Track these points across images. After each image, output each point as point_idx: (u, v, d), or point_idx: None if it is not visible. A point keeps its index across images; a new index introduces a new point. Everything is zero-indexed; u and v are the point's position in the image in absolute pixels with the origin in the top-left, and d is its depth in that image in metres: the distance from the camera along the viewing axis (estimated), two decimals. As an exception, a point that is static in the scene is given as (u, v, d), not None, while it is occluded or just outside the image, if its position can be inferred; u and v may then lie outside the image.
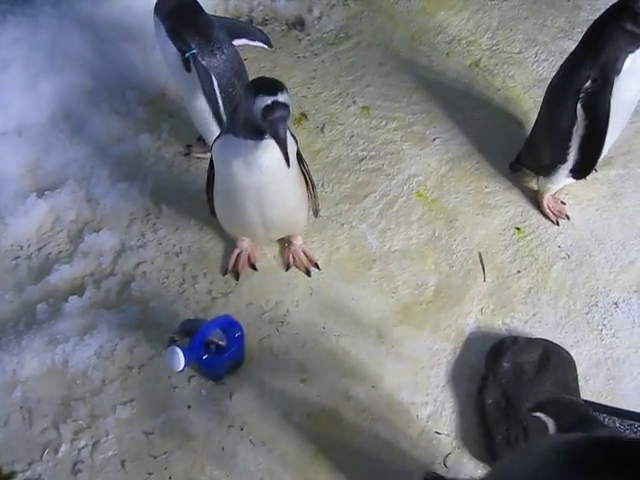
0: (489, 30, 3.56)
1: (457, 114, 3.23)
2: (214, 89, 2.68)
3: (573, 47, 2.86)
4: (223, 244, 2.80)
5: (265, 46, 3.05)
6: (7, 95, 3.12)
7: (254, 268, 2.72)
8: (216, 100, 2.70)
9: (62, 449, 2.35)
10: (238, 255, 2.72)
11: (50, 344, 2.51)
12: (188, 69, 2.66)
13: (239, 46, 2.86)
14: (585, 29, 3.43)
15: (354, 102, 3.28)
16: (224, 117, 2.72)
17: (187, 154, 3.10)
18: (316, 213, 2.68)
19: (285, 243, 2.76)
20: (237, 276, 2.70)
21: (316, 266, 2.73)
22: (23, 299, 2.66)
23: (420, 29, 3.58)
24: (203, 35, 2.67)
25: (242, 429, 2.40)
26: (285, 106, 2.09)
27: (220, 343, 2.41)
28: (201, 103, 2.72)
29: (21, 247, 2.82)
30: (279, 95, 2.09)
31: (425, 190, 2.97)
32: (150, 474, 2.31)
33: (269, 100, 2.08)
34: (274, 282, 2.70)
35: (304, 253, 2.74)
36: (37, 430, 2.39)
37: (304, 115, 3.21)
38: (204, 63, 2.65)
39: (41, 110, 3.12)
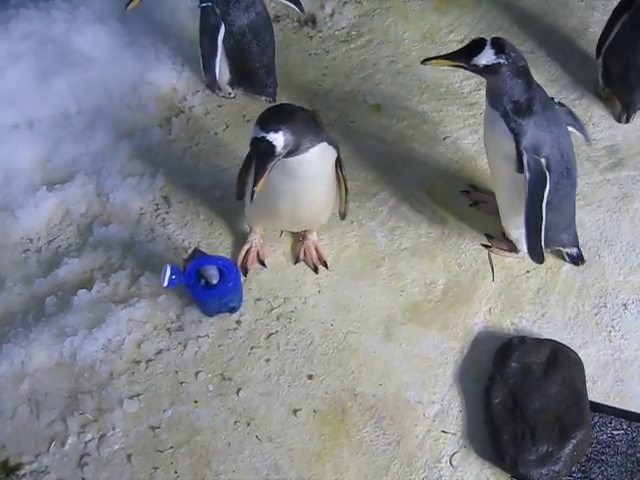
0: (501, 29, 3.54)
1: (468, 113, 3.22)
2: (214, 43, 2.99)
3: (586, 47, 2.87)
4: (232, 239, 2.80)
5: (296, 8, 3.25)
6: (19, 88, 3.13)
7: (263, 264, 2.72)
8: (211, 55, 3.02)
9: (69, 442, 2.36)
10: (247, 251, 2.72)
11: (58, 337, 2.52)
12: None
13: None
14: (598, 29, 3.45)
15: (365, 100, 3.27)
16: (216, 72, 3.06)
17: (208, 85, 3.28)
18: (344, 217, 2.71)
19: (299, 237, 2.76)
20: (246, 272, 2.70)
21: (325, 265, 2.72)
22: (32, 292, 2.66)
23: (432, 27, 3.57)
24: None
25: (248, 425, 2.40)
26: (265, 144, 2.14)
27: (211, 280, 2.46)
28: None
29: (31, 240, 2.83)
30: (270, 133, 2.14)
31: (435, 189, 2.96)
32: (156, 468, 2.33)
33: (258, 134, 2.15)
34: (282, 279, 2.71)
35: (316, 250, 2.73)
36: (44, 423, 2.40)
37: (315, 112, 3.20)
38: (218, 11, 2.90)
39: (52, 104, 3.13)
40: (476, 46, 2.30)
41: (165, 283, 2.41)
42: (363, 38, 3.53)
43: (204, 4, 2.92)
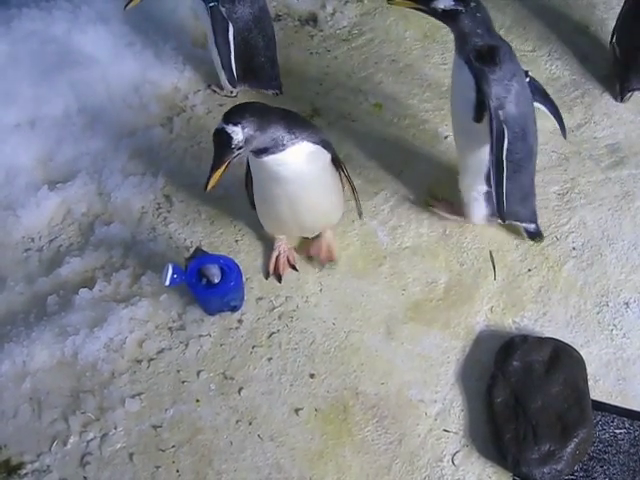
0: (503, 28, 3.53)
1: (469, 112, 3.21)
2: (228, 42, 2.99)
3: (587, 46, 2.88)
4: (233, 239, 2.80)
5: None
6: (20, 87, 3.13)
7: (294, 269, 2.72)
8: (228, 54, 3.02)
9: (71, 441, 2.37)
10: (277, 258, 2.71)
11: (60, 336, 2.53)
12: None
13: None
14: (599, 28, 3.45)
15: (366, 99, 3.27)
16: (234, 69, 3.05)
17: (209, 86, 3.29)
18: (360, 214, 2.72)
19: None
20: (279, 278, 2.70)
21: (331, 263, 2.72)
22: (34, 291, 2.67)
23: (433, 26, 3.55)
24: None
25: (250, 424, 2.40)
26: (227, 136, 2.10)
27: (212, 279, 2.46)
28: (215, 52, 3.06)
29: (32, 239, 2.84)
30: (227, 125, 2.11)
31: (436, 187, 2.96)
32: (158, 467, 2.33)
33: (219, 126, 2.12)
34: (284, 277, 2.70)
35: (328, 248, 2.71)
36: (46, 422, 2.41)
37: (316, 111, 3.21)
38: (223, 10, 2.91)
39: (54, 103, 3.13)
40: None
41: (167, 282, 2.41)
42: (364, 37, 3.52)
43: (211, 4, 2.92)
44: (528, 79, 2.52)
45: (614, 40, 3.29)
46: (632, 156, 3.04)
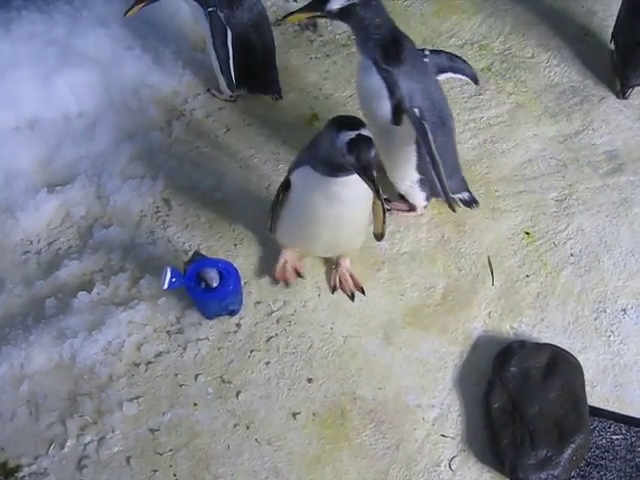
0: (502, 34, 3.55)
1: (468, 117, 3.22)
2: (226, 47, 2.97)
3: (586, 53, 2.89)
4: (232, 243, 2.80)
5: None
6: (20, 90, 3.12)
7: (300, 276, 2.71)
8: (226, 59, 3.00)
9: (68, 444, 2.36)
10: (284, 265, 2.70)
11: (58, 339, 2.52)
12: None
13: None
14: (598, 35, 3.47)
15: (365, 104, 3.27)
16: (233, 74, 3.03)
17: (208, 90, 3.29)
18: (381, 238, 2.63)
19: (332, 264, 2.73)
20: (287, 284, 2.69)
21: (362, 291, 2.69)
22: (32, 294, 2.66)
23: (432, 32, 3.57)
24: None
25: (248, 428, 2.40)
26: (368, 139, 2.13)
27: (211, 283, 2.46)
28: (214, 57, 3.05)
29: (31, 242, 2.83)
30: (362, 129, 2.13)
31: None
32: (155, 471, 2.32)
33: (353, 134, 2.11)
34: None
35: (351, 277, 2.70)
36: (43, 425, 2.40)
37: (315, 116, 3.21)
38: (221, 15, 2.92)
39: (54, 106, 3.12)
40: None
41: (165, 286, 2.41)
42: (364, 42, 3.52)
43: (210, 9, 2.93)
44: (427, 59, 2.55)
45: (612, 41, 3.34)
46: (630, 163, 3.06)
